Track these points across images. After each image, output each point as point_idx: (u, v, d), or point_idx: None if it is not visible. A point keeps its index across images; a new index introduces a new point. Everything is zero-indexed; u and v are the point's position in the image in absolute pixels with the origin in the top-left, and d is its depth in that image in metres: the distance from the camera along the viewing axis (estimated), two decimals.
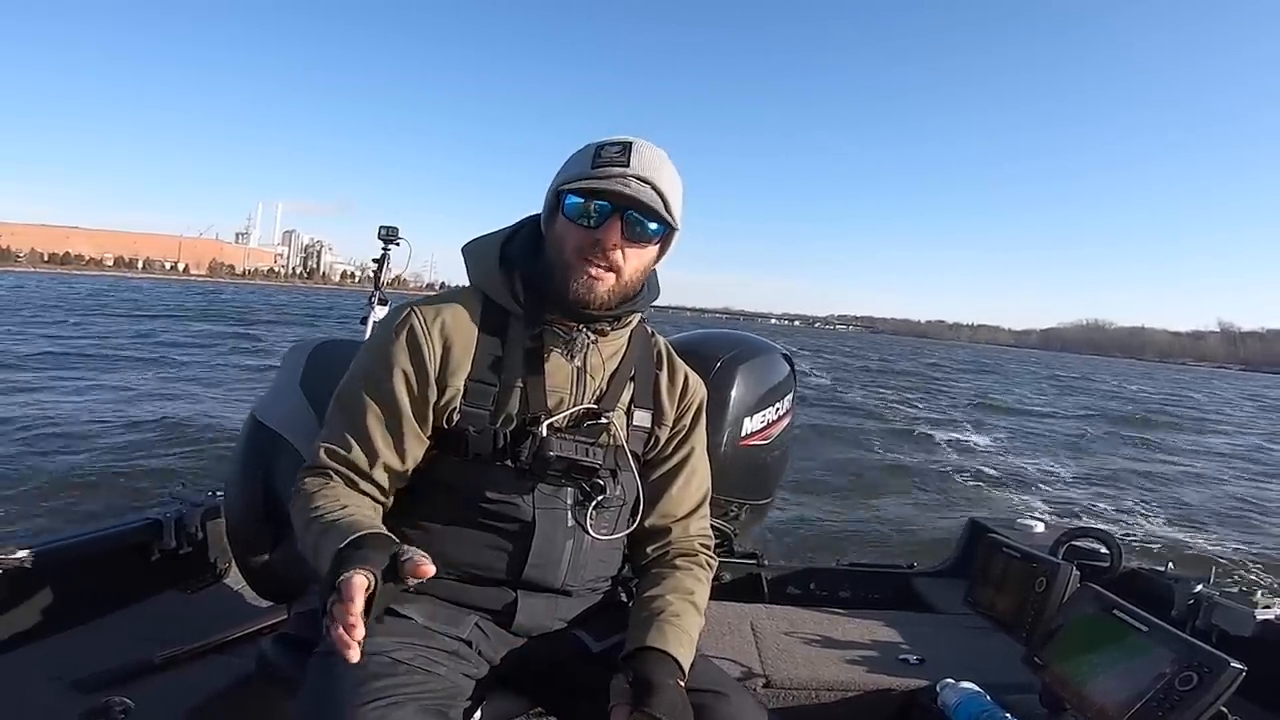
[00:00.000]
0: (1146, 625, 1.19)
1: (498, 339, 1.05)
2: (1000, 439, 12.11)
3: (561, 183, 1.01)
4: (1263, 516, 7.56)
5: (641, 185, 0.98)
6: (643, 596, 1.07)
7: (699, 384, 1.20)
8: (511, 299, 1.05)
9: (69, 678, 1.35)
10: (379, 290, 2.93)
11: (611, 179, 0.98)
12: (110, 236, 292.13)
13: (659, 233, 1.03)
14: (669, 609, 1.03)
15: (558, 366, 1.05)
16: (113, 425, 7.19)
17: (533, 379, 1.04)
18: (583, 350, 1.06)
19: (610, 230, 0.99)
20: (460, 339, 1.03)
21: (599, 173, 0.99)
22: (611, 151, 1.00)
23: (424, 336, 1.02)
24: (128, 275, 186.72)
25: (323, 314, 37.88)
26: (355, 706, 0.82)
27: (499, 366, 1.04)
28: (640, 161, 0.99)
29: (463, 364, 1.03)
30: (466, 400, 1.02)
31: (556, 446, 1.00)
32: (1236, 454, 12.96)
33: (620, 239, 0.99)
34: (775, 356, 2.17)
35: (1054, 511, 6.89)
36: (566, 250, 1.01)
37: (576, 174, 1.00)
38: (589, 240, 0.99)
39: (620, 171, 0.98)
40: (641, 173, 0.99)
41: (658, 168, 1.01)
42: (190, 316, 28.83)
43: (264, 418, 1.33)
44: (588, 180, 0.98)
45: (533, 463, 1.01)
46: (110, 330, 19.54)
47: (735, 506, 2.11)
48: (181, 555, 1.79)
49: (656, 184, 1.00)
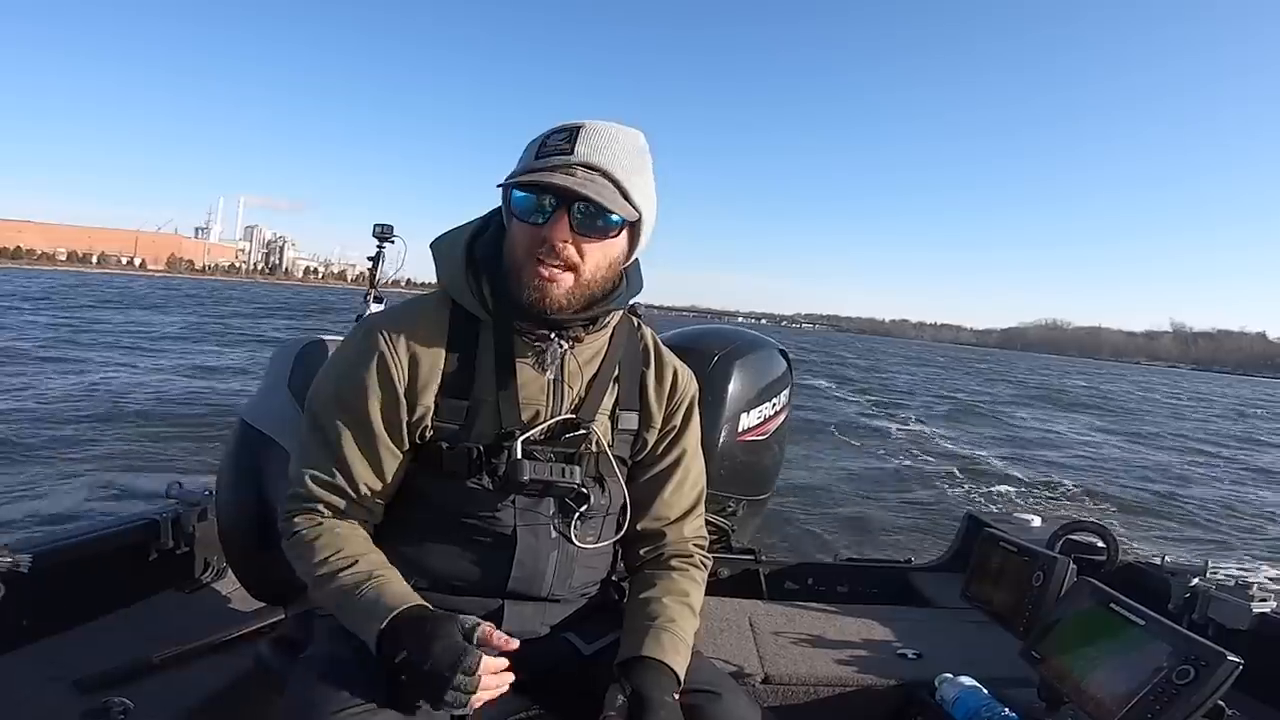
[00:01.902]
0: (1143, 619, 1.19)
1: (469, 349, 1.00)
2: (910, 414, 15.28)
3: (508, 177, 0.94)
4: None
5: (589, 173, 0.90)
6: (637, 599, 1.05)
7: (690, 379, 1.15)
8: (479, 305, 0.99)
9: (68, 678, 1.34)
10: (374, 288, 2.92)
11: (554, 170, 0.89)
12: (64, 231, 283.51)
13: (616, 223, 0.94)
14: (664, 614, 1.00)
15: (531, 377, 1.00)
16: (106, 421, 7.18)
17: (504, 393, 0.99)
18: (556, 360, 1.00)
19: (557, 226, 0.91)
20: (428, 354, 0.98)
21: (541, 163, 0.91)
22: (556, 139, 0.92)
23: (390, 355, 0.97)
24: (82, 270, 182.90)
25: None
26: (336, 712, 0.82)
27: (470, 380, 0.99)
28: (588, 147, 0.91)
29: (432, 380, 0.98)
30: (438, 417, 0.98)
31: (529, 470, 0.95)
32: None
33: (571, 234, 0.91)
34: (772, 352, 2.16)
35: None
36: (518, 251, 0.95)
37: (521, 167, 0.93)
38: (537, 238, 0.92)
39: (563, 161, 0.90)
40: (589, 159, 0.90)
41: (609, 151, 0.92)
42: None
43: (252, 420, 1.32)
44: (530, 173, 0.90)
45: (505, 483, 0.97)
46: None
47: (733, 502, 2.11)
48: (179, 555, 1.79)
49: (609, 170, 0.91)
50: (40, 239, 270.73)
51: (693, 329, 2.26)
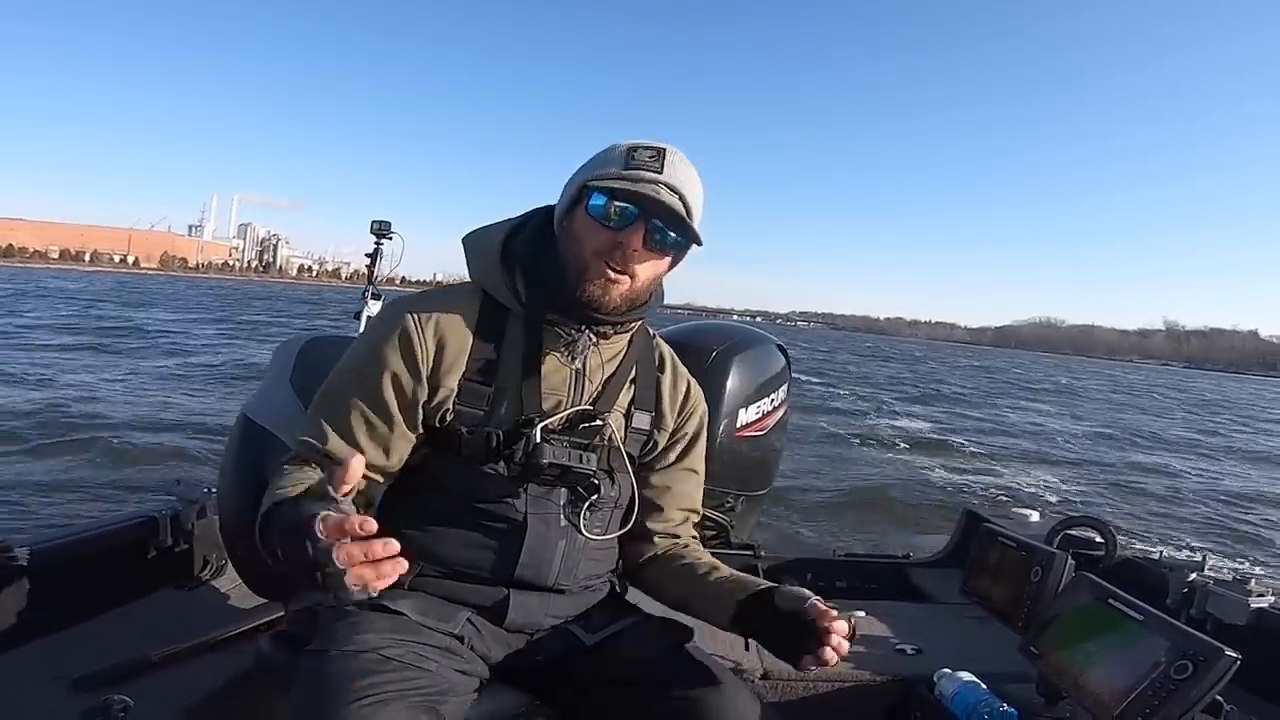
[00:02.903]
0: (1142, 614, 1.19)
1: (495, 338, 1.03)
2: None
3: (589, 178, 0.98)
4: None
5: (671, 195, 0.96)
6: (686, 568, 1.12)
7: (700, 398, 1.20)
8: (512, 297, 1.03)
9: (68, 676, 1.34)
10: (373, 285, 2.92)
11: (643, 183, 0.95)
12: (57, 229, 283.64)
13: (679, 244, 1.02)
14: (722, 569, 1.10)
15: (555, 368, 1.04)
16: (105, 420, 7.18)
17: (529, 380, 1.02)
18: (583, 353, 1.05)
19: (634, 235, 0.97)
20: (455, 338, 1.02)
21: (631, 175, 0.96)
22: (645, 155, 0.97)
23: (417, 335, 1.00)
24: (74, 268, 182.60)
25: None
26: (343, 705, 0.82)
27: (495, 366, 1.02)
28: (673, 170, 0.97)
29: (457, 363, 1.01)
30: (460, 400, 1.01)
31: (549, 453, 0.99)
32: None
33: (642, 246, 0.97)
34: (770, 348, 2.16)
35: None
36: (585, 249, 0.99)
37: (607, 172, 0.97)
38: (611, 242, 0.97)
39: (653, 177, 0.96)
40: (673, 182, 0.97)
41: (688, 179, 0.99)
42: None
43: (255, 415, 1.32)
44: (619, 180, 0.96)
45: (525, 466, 0.99)
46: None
47: (731, 498, 2.11)
48: (178, 552, 1.79)
49: (685, 195, 0.98)
50: (33, 237, 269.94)
51: (691, 324, 2.26)
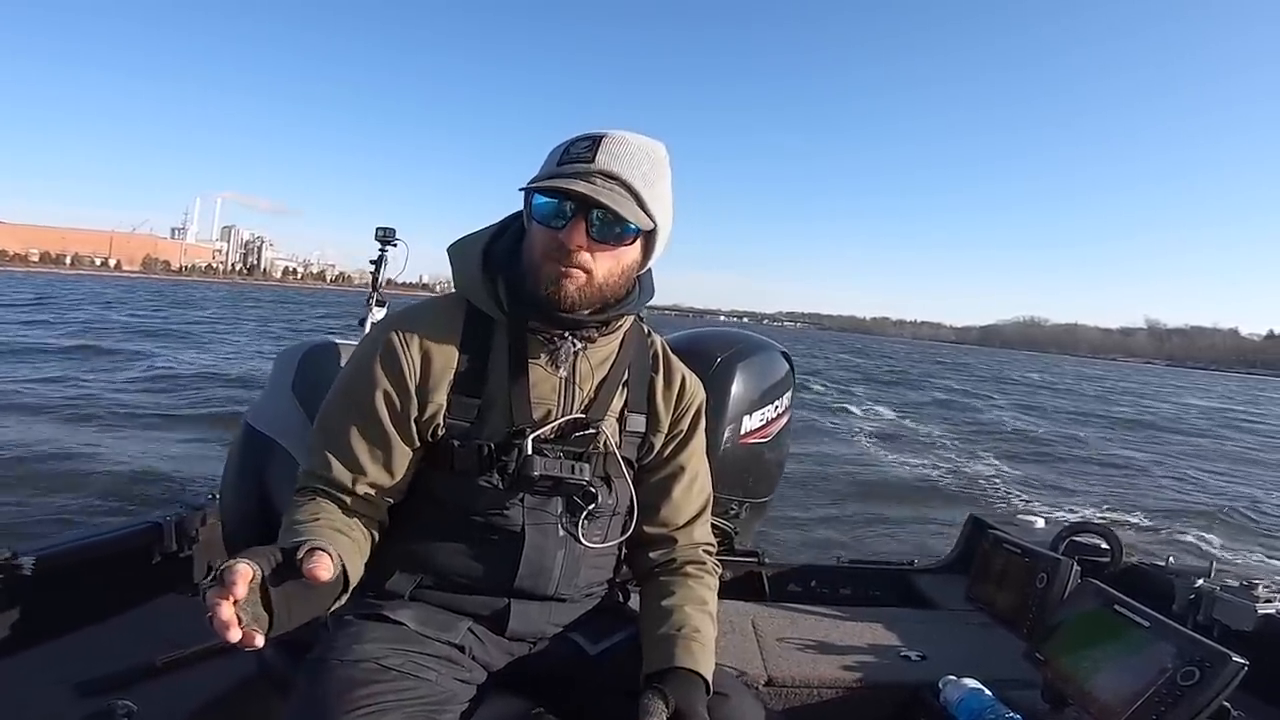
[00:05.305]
0: (1148, 620, 1.19)
1: (481, 348, 1.01)
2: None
3: (530, 181, 0.96)
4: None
5: (608, 182, 0.92)
6: (659, 605, 1.05)
7: (697, 386, 1.16)
8: (495, 305, 1.01)
9: (72, 681, 1.35)
10: (377, 291, 2.92)
11: (574, 177, 0.91)
12: (37, 232, 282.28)
13: (632, 232, 0.96)
14: (689, 622, 1.01)
15: (543, 376, 1.01)
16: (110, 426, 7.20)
17: (517, 390, 1.00)
18: (569, 359, 1.02)
19: (574, 232, 0.93)
20: (441, 351, 1.00)
21: (563, 170, 0.93)
22: (580, 147, 0.94)
23: (403, 351, 0.98)
24: (55, 271, 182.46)
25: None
26: (340, 715, 0.82)
27: (482, 378, 1.00)
28: (608, 156, 0.93)
29: (444, 377, 0.99)
30: (450, 414, 0.99)
31: (540, 465, 0.97)
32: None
33: (586, 240, 0.93)
34: (774, 354, 2.16)
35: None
36: (536, 252, 0.97)
37: (543, 172, 0.96)
38: (554, 242, 0.94)
39: (584, 168, 0.92)
40: (609, 168, 0.92)
41: (629, 161, 0.94)
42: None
43: (257, 423, 1.32)
44: (551, 179, 0.92)
45: (517, 478, 0.98)
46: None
47: (735, 505, 2.11)
48: (182, 558, 1.79)
49: (627, 179, 0.93)
50: (12, 240, 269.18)
51: (695, 331, 2.26)
